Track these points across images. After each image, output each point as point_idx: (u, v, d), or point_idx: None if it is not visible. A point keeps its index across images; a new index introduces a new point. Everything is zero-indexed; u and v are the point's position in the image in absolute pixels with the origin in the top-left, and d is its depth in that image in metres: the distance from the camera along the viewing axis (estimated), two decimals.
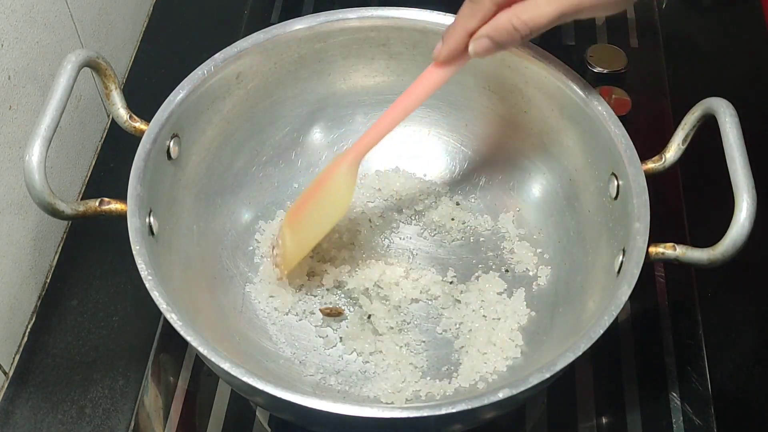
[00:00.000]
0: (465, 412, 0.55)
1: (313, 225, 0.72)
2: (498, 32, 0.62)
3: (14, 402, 0.73)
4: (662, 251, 0.62)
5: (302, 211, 0.73)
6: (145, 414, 0.73)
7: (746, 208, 0.58)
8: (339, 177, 0.71)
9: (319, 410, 0.55)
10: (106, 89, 0.68)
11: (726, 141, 0.61)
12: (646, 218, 0.63)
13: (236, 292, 0.75)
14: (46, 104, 0.62)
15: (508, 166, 0.81)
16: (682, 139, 0.67)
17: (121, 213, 0.63)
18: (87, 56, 0.65)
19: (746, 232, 0.58)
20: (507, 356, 0.71)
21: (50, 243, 0.81)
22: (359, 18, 0.76)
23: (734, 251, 0.58)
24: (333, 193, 0.71)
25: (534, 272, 0.77)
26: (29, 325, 0.78)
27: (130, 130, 0.69)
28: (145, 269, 0.60)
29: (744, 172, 0.59)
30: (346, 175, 0.71)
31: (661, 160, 0.67)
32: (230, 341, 0.70)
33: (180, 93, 0.70)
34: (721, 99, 0.63)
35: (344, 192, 0.71)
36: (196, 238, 0.73)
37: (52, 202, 0.61)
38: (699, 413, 0.72)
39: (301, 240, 0.73)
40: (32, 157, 0.59)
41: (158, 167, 0.67)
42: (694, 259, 0.61)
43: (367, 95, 0.81)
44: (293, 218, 0.74)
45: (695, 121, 0.66)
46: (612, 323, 0.58)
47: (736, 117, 0.62)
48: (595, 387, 0.74)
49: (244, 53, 0.73)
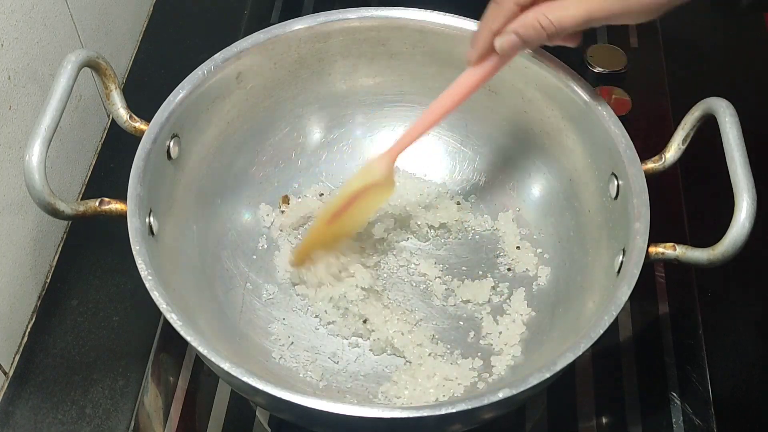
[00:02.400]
0: (465, 412, 0.55)
1: (356, 215, 0.74)
2: (524, 28, 0.63)
3: (14, 402, 0.73)
4: (662, 251, 0.62)
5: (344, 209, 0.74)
6: (145, 414, 0.73)
7: (746, 208, 0.58)
8: (379, 171, 0.72)
9: (319, 410, 0.55)
10: (106, 89, 0.68)
11: (726, 141, 0.61)
12: (647, 218, 0.63)
13: (236, 292, 0.75)
14: (46, 104, 0.62)
15: (508, 166, 0.81)
16: (682, 139, 0.67)
17: (121, 213, 0.63)
18: (87, 56, 0.65)
19: (746, 232, 0.58)
20: (507, 356, 0.72)
21: (50, 243, 0.81)
22: (359, 18, 0.76)
23: (734, 251, 0.58)
24: (375, 186, 0.72)
25: (534, 272, 0.77)
26: (29, 325, 0.78)
27: (130, 131, 0.69)
28: (145, 269, 0.60)
29: (744, 172, 0.59)
30: (386, 170, 0.72)
31: (661, 160, 0.67)
32: (230, 341, 0.70)
33: (180, 93, 0.69)
34: (721, 99, 0.63)
35: (386, 184, 0.73)
36: (196, 238, 0.73)
37: (52, 202, 0.61)
38: (699, 413, 0.72)
39: (343, 228, 0.75)
40: (32, 157, 0.59)
41: (158, 167, 0.67)
42: (694, 259, 0.61)
43: (367, 95, 0.81)
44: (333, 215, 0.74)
45: (695, 121, 0.66)
46: (612, 323, 0.58)
47: (736, 117, 0.62)
48: (595, 387, 0.74)
49: (244, 53, 0.73)
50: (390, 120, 0.83)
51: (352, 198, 0.73)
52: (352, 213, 0.74)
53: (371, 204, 0.75)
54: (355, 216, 0.74)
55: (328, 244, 0.75)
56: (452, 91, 0.68)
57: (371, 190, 0.73)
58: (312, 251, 0.75)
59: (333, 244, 0.75)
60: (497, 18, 0.64)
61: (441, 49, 0.77)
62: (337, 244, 0.76)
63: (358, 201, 0.73)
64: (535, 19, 0.62)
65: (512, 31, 0.63)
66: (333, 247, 0.75)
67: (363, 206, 0.74)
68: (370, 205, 0.75)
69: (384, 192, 0.74)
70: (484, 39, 0.65)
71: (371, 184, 0.72)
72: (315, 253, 0.75)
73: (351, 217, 0.74)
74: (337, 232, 0.75)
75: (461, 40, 0.75)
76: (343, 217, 0.73)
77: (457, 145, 0.83)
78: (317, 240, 0.75)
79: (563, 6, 0.61)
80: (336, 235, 0.75)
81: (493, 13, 0.64)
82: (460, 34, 0.75)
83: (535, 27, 0.62)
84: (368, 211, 0.76)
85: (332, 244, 0.75)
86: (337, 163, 0.83)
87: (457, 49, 0.76)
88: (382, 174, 0.72)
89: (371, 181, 0.72)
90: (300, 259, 0.76)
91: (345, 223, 0.74)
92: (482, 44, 0.65)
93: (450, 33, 0.75)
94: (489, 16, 0.65)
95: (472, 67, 0.67)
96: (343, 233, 0.76)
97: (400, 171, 0.83)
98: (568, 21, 0.61)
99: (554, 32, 0.62)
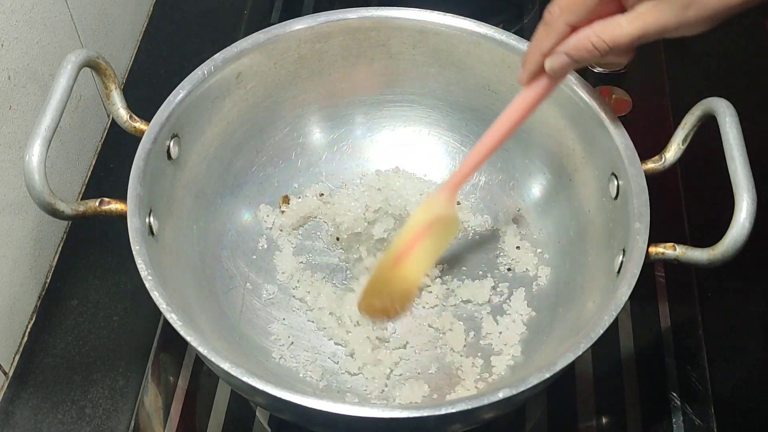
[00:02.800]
0: (465, 412, 0.55)
1: (423, 257, 0.70)
2: (577, 50, 0.60)
3: (14, 402, 0.73)
4: (662, 251, 0.62)
5: (408, 251, 0.70)
6: (145, 414, 0.73)
7: (746, 208, 0.58)
8: (441, 206, 0.70)
9: (319, 410, 0.55)
10: (106, 89, 0.68)
11: (726, 141, 0.61)
12: (646, 218, 0.63)
13: (236, 292, 0.75)
14: (46, 104, 0.61)
15: (508, 166, 0.81)
16: (681, 139, 0.67)
17: (121, 213, 0.63)
18: (87, 56, 0.65)
19: (746, 233, 0.58)
20: (507, 356, 0.72)
21: (50, 243, 0.81)
22: (359, 18, 0.76)
23: (734, 251, 0.58)
24: (438, 223, 0.70)
25: (534, 272, 0.77)
26: (29, 325, 0.78)
27: (130, 130, 0.69)
28: (145, 269, 0.60)
29: (744, 172, 0.59)
30: (448, 204, 0.70)
31: (661, 160, 0.67)
32: (230, 341, 0.70)
33: (180, 93, 0.69)
34: (721, 99, 0.63)
35: (450, 219, 0.71)
36: (196, 238, 0.73)
37: (52, 202, 0.61)
38: (699, 413, 0.72)
39: (413, 273, 0.71)
40: (32, 157, 0.59)
41: (158, 167, 0.67)
42: (694, 259, 0.61)
43: (367, 95, 0.81)
44: (397, 258, 0.70)
45: (695, 121, 0.66)
46: (612, 323, 0.58)
47: (736, 117, 0.62)
48: (595, 387, 0.74)
49: (244, 53, 0.73)
50: (390, 120, 0.83)
51: (415, 238, 0.69)
52: (417, 255, 0.70)
53: (438, 243, 0.71)
54: (420, 258, 0.70)
55: (395, 290, 0.70)
56: (507, 116, 0.66)
57: (435, 228, 0.70)
58: (379, 298, 0.71)
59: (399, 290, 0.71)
60: (548, 38, 0.62)
61: (441, 49, 0.77)
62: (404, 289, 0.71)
63: (423, 241, 0.70)
64: (587, 39, 0.59)
65: (563, 52, 0.61)
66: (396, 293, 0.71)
67: (428, 246, 0.70)
68: (436, 244, 0.71)
69: (449, 228, 0.71)
70: (534, 60, 0.63)
71: (434, 220, 0.69)
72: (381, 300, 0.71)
73: (416, 260, 0.70)
74: (404, 276, 0.70)
75: (461, 40, 0.75)
76: (407, 259, 0.69)
77: (457, 145, 0.83)
78: (383, 286, 0.71)
79: (616, 24, 0.58)
80: (402, 280, 0.70)
81: (543, 34, 0.62)
82: (460, 34, 0.75)
83: (588, 48, 0.60)
84: (435, 251, 0.72)
85: (398, 290, 0.71)
86: (337, 163, 0.83)
87: (458, 49, 0.76)
88: (445, 208, 0.69)
89: (434, 216, 0.69)
90: (369, 308, 0.71)
91: (410, 266, 0.70)
92: (532, 65, 0.63)
93: (450, 33, 0.75)
94: (539, 37, 0.62)
95: (524, 89, 0.65)
96: (410, 278, 0.71)
97: (401, 171, 0.83)
98: (623, 39, 0.58)
99: (606, 51, 0.59)
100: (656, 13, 0.57)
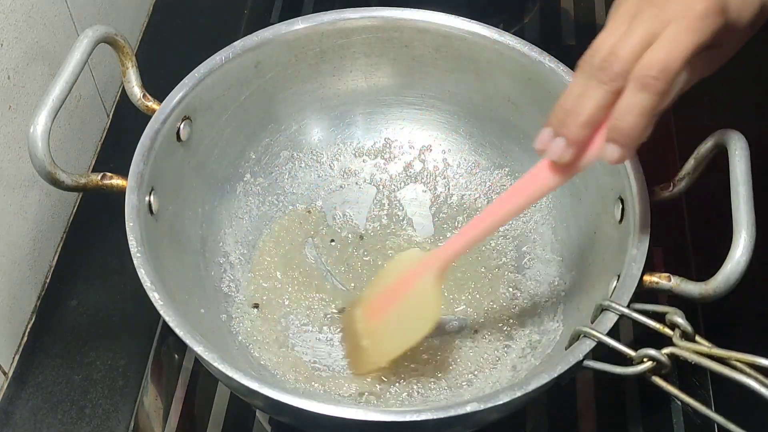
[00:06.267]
0: (465, 415, 0.54)
1: (394, 336, 0.64)
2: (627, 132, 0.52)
3: (14, 402, 0.73)
4: (657, 280, 0.61)
5: (382, 314, 0.65)
6: (145, 414, 0.73)
7: (743, 245, 0.56)
8: (425, 287, 0.63)
9: (318, 413, 0.54)
10: (123, 66, 0.69)
11: (733, 174, 0.59)
12: (645, 246, 0.61)
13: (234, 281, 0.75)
14: (57, 76, 0.62)
15: (509, 168, 0.80)
16: (692, 168, 0.64)
17: (121, 189, 0.64)
18: (105, 32, 0.66)
19: (741, 270, 0.56)
20: (508, 359, 0.71)
21: (50, 243, 0.81)
22: (383, 18, 0.75)
23: (727, 288, 0.56)
24: (418, 304, 0.64)
25: (534, 280, 0.76)
26: (29, 325, 0.77)
27: (143, 109, 0.69)
28: (136, 245, 0.60)
29: (746, 209, 0.57)
30: (434, 285, 0.63)
31: (670, 188, 0.65)
32: (230, 340, 0.70)
33: (195, 76, 0.70)
34: (735, 131, 0.61)
35: (432, 305, 0.63)
36: (201, 220, 0.73)
37: (53, 172, 0.61)
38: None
39: (380, 348, 0.65)
40: (37, 127, 0.60)
41: (166, 148, 0.67)
42: (687, 292, 0.59)
43: (388, 95, 0.81)
44: (370, 316, 0.66)
45: (707, 152, 0.63)
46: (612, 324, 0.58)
47: (747, 150, 0.60)
48: (595, 387, 0.73)
49: (264, 43, 0.73)
50: (409, 122, 0.82)
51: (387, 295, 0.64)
52: (392, 324, 0.64)
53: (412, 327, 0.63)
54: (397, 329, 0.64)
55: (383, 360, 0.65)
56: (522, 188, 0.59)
57: (411, 300, 0.63)
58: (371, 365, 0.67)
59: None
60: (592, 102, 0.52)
61: (464, 56, 0.76)
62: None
63: (394, 309, 0.64)
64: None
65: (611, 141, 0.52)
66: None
67: (401, 321, 0.63)
68: (411, 324, 0.63)
69: (429, 311, 0.63)
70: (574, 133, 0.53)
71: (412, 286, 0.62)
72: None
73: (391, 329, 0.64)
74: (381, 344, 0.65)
75: (484, 48, 0.74)
76: (381, 324, 0.64)
77: (457, 145, 0.82)
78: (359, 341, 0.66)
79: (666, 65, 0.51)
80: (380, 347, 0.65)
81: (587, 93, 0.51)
82: (483, 42, 0.74)
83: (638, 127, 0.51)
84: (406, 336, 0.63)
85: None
86: (350, 162, 0.83)
87: (481, 57, 0.75)
88: (431, 286, 0.62)
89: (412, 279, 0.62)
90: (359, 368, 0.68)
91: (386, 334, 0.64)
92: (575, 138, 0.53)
93: (474, 40, 0.75)
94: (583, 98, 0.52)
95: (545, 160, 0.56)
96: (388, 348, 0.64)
97: (401, 171, 0.82)
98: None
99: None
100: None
